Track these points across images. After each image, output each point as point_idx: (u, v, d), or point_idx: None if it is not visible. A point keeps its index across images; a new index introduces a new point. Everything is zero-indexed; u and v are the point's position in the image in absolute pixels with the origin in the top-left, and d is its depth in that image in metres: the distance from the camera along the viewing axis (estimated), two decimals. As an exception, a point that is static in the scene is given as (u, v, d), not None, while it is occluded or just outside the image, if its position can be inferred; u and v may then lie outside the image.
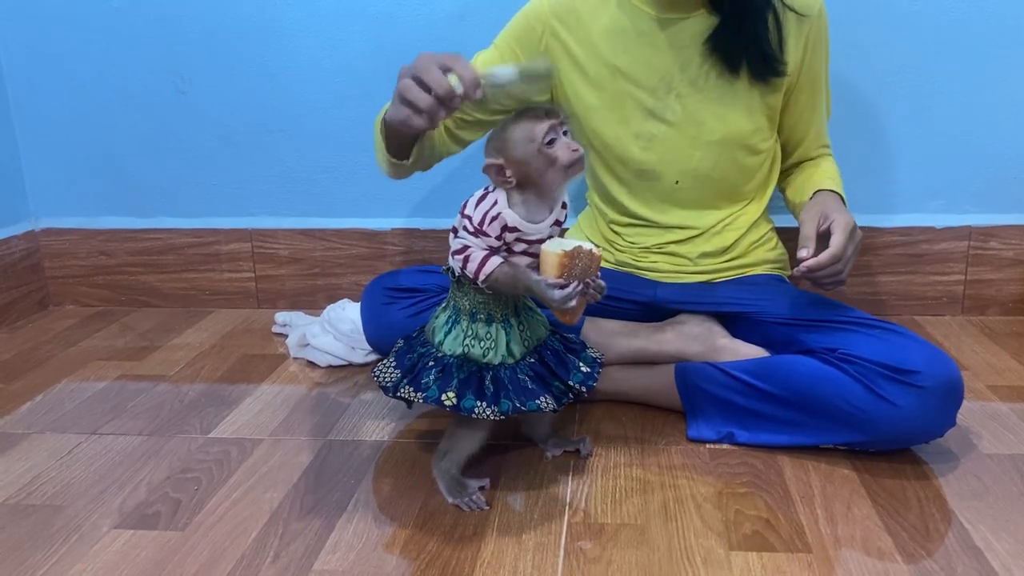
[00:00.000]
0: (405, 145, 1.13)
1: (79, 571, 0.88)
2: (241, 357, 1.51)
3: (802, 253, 1.07)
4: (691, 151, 1.21)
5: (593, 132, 1.24)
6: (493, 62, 1.24)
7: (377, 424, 1.21)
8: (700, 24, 1.18)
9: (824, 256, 1.06)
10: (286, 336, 1.59)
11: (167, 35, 1.67)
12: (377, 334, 1.24)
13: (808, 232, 1.09)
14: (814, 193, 1.20)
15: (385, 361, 1.01)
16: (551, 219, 0.96)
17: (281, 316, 1.65)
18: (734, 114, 1.20)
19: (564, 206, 0.98)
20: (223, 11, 1.65)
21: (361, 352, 1.43)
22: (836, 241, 1.06)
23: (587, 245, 0.92)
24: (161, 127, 1.72)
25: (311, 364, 1.47)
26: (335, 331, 1.45)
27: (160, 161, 1.74)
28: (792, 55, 1.20)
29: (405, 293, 1.22)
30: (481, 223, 0.93)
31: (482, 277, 0.93)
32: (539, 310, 1.04)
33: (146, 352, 1.54)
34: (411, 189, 1.70)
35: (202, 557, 0.90)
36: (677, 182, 1.23)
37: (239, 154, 1.72)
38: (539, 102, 0.92)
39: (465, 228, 0.94)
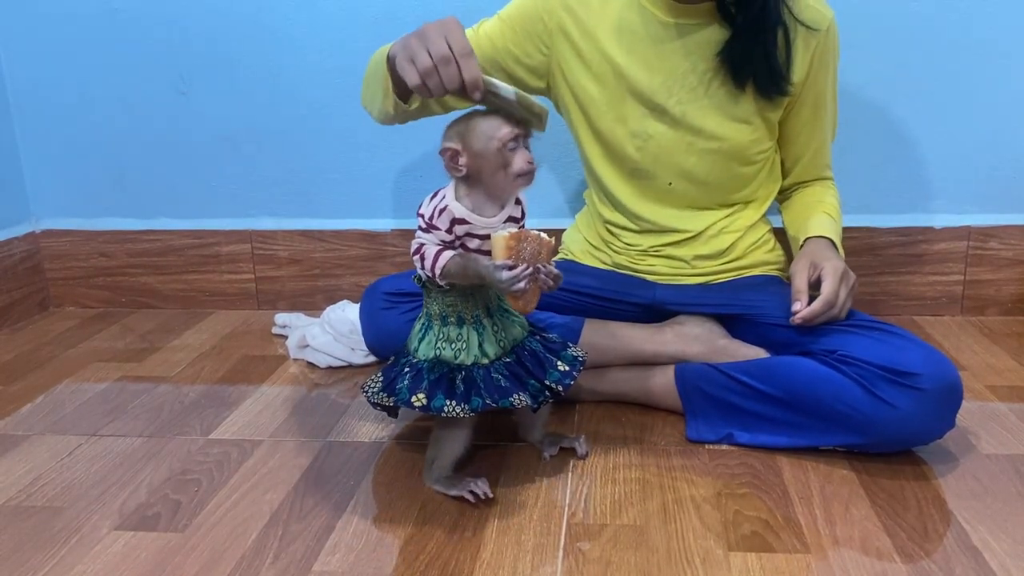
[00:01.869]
0: (406, 90, 1.10)
1: (79, 572, 0.88)
2: (241, 358, 1.51)
3: (796, 307, 1.10)
4: (686, 156, 1.21)
5: (592, 124, 1.24)
6: (494, 35, 1.24)
7: (376, 425, 1.22)
8: (708, 32, 1.17)
9: (816, 305, 1.08)
10: (286, 337, 1.59)
11: (167, 36, 1.67)
12: (376, 338, 1.25)
13: (799, 285, 1.11)
14: (804, 241, 1.20)
15: (374, 376, 1.03)
16: (503, 215, 0.96)
17: (281, 317, 1.65)
18: (732, 125, 1.20)
19: (519, 202, 0.98)
20: (223, 12, 1.65)
21: (361, 353, 1.44)
22: (827, 288, 1.09)
23: (536, 231, 0.93)
24: (161, 128, 1.72)
25: (311, 365, 1.47)
26: (335, 332, 1.45)
27: (160, 162, 1.74)
28: (798, 70, 1.19)
29: (404, 297, 1.22)
30: (431, 218, 0.95)
31: (437, 271, 0.94)
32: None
33: (146, 353, 1.54)
34: (411, 190, 1.70)
35: (202, 558, 0.90)
36: (670, 184, 1.24)
37: (239, 155, 1.72)
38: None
39: (419, 226, 0.96)
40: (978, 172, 1.59)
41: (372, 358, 1.43)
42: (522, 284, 0.91)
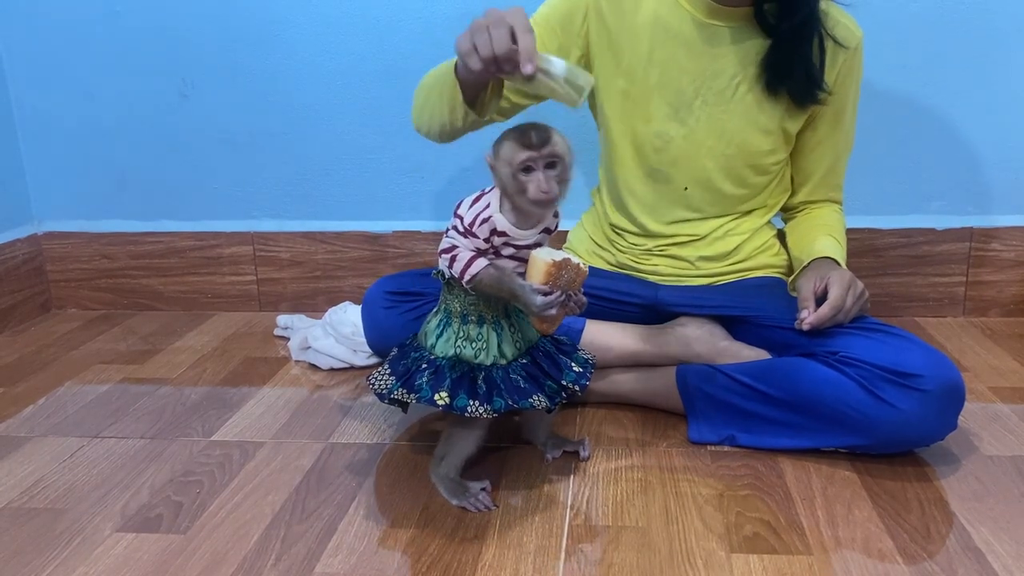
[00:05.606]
0: (474, 94, 1.07)
1: (81, 574, 0.88)
2: (243, 360, 1.51)
3: (803, 314, 1.10)
4: (704, 160, 1.21)
5: (616, 123, 1.24)
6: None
7: (378, 427, 1.22)
8: (742, 36, 1.17)
9: (824, 309, 1.08)
10: (288, 339, 1.59)
11: (169, 39, 1.67)
12: (378, 338, 1.25)
13: (806, 294, 1.11)
14: (810, 262, 1.20)
15: (380, 369, 1.02)
16: (540, 226, 0.96)
17: (283, 319, 1.65)
18: (753, 131, 1.20)
19: (556, 215, 0.98)
20: (225, 15, 1.65)
21: (363, 355, 1.44)
22: (834, 294, 1.09)
23: (576, 259, 0.93)
24: (163, 130, 1.72)
25: (313, 367, 1.47)
26: (336, 334, 1.45)
27: (162, 164, 1.75)
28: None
29: (406, 297, 1.22)
30: (471, 224, 0.94)
31: (467, 278, 0.93)
32: None
33: (148, 355, 1.55)
34: (412, 192, 1.71)
35: (204, 560, 0.90)
36: (686, 189, 1.24)
37: (241, 157, 1.73)
38: (541, 125, 0.92)
39: (455, 228, 0.95)
40: (979, 174, 1.58)
41: (374, 359, 1.43)
42: (553, 311, 0.92)
